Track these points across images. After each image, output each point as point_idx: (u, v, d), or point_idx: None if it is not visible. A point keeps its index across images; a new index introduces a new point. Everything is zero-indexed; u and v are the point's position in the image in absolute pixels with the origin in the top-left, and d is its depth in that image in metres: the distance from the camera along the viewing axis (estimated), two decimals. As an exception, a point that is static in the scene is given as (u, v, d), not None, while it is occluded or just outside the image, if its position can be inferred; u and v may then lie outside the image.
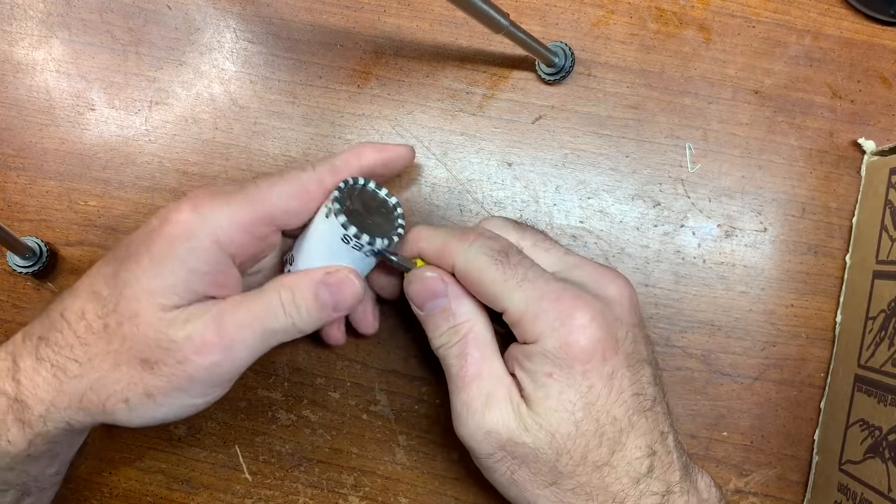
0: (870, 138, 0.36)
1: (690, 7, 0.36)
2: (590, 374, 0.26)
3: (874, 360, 0.32)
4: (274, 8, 0.37)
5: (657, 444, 0.27)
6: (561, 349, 0.26)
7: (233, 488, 0.37)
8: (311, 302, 0.28)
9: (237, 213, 0.27)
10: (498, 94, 0.37)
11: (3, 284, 0.37)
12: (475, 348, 0.28)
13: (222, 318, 0.27)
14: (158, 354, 0.27)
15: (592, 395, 0.26)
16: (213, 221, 0.27)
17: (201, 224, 0.27)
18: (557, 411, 0.26)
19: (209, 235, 0.27)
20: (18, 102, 0.37)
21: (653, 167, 0.36)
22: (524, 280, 0.27)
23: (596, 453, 0.26)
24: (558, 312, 0.26)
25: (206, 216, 0.27)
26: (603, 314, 0.27)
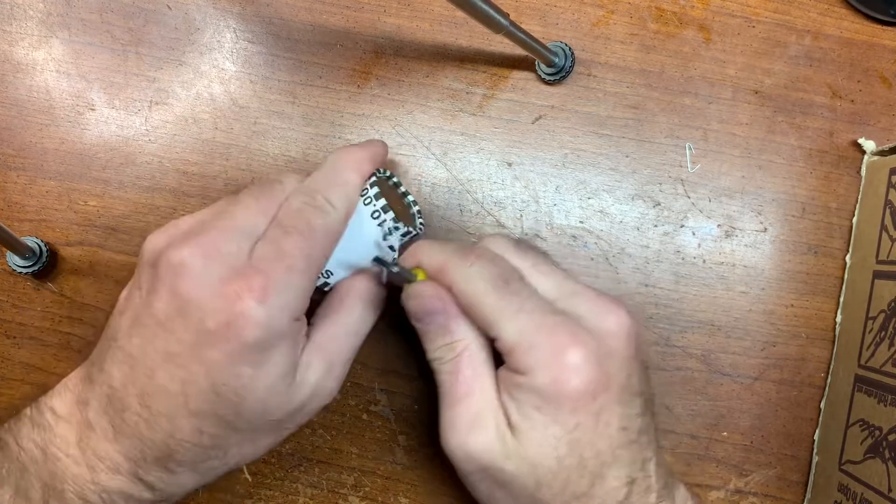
0: (870, 138, 0.36)
1: (690, 7, 0.36)
2: (578, 412, 0.26)
3: (874, 360, 0.32)
4: (274, 8, 0.37)
5: (637, 472, 0.27)
6: (551, 386, 0.26)
7: (233, 488, 0.37)
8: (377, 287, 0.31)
9: (301, 289, 0.27)
10: (498, 94, 0.37)
11: (3, 284, 0.37)
12: (468, 367, 0.28)
13: (332, 366, 0.29)
14: (293, 420, 0.29)
15: (578, 432, 0.26)
16: (288, 312, 0.26)
17: (279, 318, 0.26)
18: (542, 445, 0.26)
19: (288, 323, 0.26)
20: (18, 102, 0.37)
21: (653, 167, 0.36)
22: (520, 310, 0.27)
23: (576, 485, 0.27)
24: (551, 348, 0.26)
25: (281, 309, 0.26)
26: (597, 351, 0.26)
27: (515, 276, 0.28)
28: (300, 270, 0.26)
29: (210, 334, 0.25)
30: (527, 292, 0.28)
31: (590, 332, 0.27)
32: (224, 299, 0.25)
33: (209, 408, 0.26)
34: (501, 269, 0.28)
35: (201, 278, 0.25)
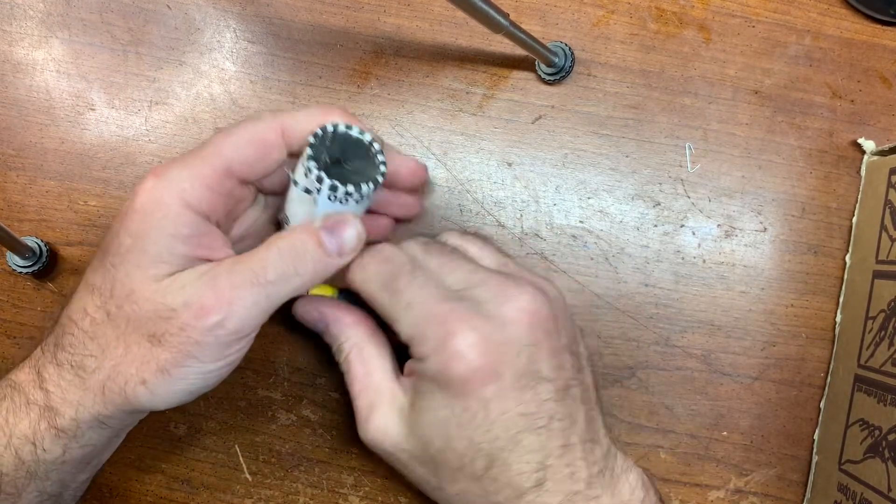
0: (870, 138, 0.36)
1: (690, 7, 0.36)
2: (466, 396, 0.27)
3: (874, 359, 0.32)
4: (274, 8, 0.37)
5: (553, 458, 0.27)
6: (440, 373, 0.27)
7: (233, 488, 0.37)
8: (315, 249, 0.28)
9: (196, 171, 0.27)
10: (498, 94, 0.37)
11: (3, 284, 0.37)
12: (358, 365, 0.30)
13: (217, 278, 0.27)
14: (162, 326, 0.26)
15: (467, 415, 0.27)
16: (176, 185, 0.27)
17: (167, 189, 0.27)
18: (431, 426, 0.28)
19: (177, 199, 0.27)
20: (18, 102, 0.37)
21: (653, 167, 0.36)
22: (410, 304, 0.28)
23: (471, 467, 0.27)
24: (439, 336, 0.27)
25: (170, 181, 0.27)
26: (488, 337, 0.27)
27: (406, 271, 0.28)
28: (193, 161, 0.28)
29: (123, 211, 0.28)
30: (417, 284, 0.28)
31: (488, 318, 0.27)
32: (135, 186, 0.27)
33: (90, 266, 0.28)
34: (393, 266, 0.29)
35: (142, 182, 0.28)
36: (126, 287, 0.27)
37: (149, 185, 0.27)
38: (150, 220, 0.27)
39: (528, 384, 0.27)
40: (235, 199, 0.30)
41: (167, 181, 0.27)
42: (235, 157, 0.28)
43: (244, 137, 0.28)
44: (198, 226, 0.27)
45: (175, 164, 0.27)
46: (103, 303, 0.27)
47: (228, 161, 0.28)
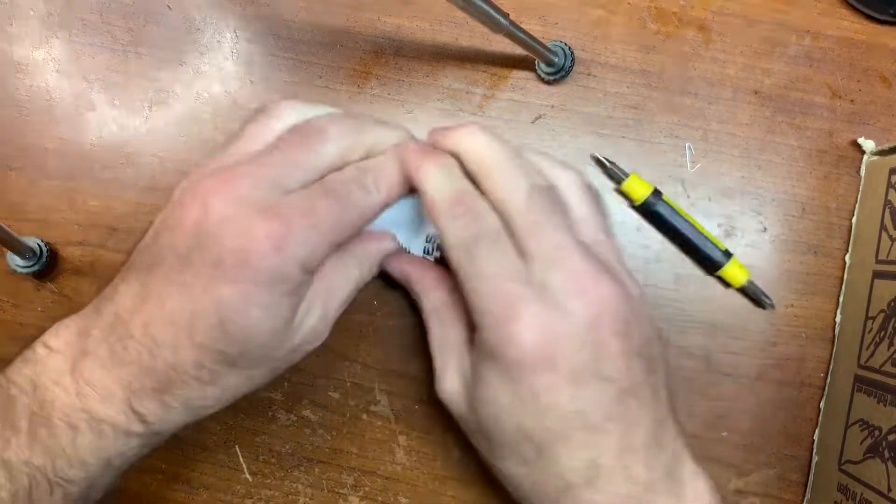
0: (869, 138, 0.36)
1: (690, 7, 0.36)
2: (516, 382, 0.26)
3: (874, 360, 0.32)
4: (274, 8, 0.37)
5: (606, 458, 0.27)
6: (494, 349, 0.27)
7: (233, 488, 0.37)
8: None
9: (321, 249, 0.27)
10: (498, 94, 0.37)
11: (4, 284, 0.37)
12: (437, 325, 0.31)
13: (327, 312, 0.30)
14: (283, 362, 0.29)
15: (517, 400, 0.27)
16: (298, 260, 0.26)
17: (287, 267, 0.26)
18: (483, 401, 0.28)
19: (297, 275, 0.27)
20: (19, 102, 0.37)
21: (653, 167, 0.36)
22: (482, 275, 0.27)
23: (520, 451, 0.27)
24: (499, 315, 0.26)
25: (293, 255, 0.26)
26: (549, 327, 0.26)
27: (490, 238, 0.28)
28: (322, 233, 0.27)
29: (225, 271, 0.25)
30: (495, 257, 0.27)
31: (555, 306, 0.26)
32: (244, 239, 0.25)
33: (213, 344, 0.26)
34: (479, 227, 0.28)
35: (227, 218, 0.26)
36: (262, 346, 0.27)
37: (274, 264, 0.26)
38: (279, 300, 0.27)
39: (586, 381, 0.26)
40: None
41: (292, 260, 0.26)
42: (348, 233, 0.28)
43: (361, 220, 0.29)
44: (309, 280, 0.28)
45: (299, 239, 0.26)
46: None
47: (345, 232, 0.28)
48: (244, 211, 0.26)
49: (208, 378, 0.27)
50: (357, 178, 0.28)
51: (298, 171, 0.27)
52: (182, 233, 0.26)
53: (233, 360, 0.27)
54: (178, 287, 0.26)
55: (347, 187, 0.28)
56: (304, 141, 0.28)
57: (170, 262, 0.26)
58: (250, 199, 0.26)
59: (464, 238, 0.28)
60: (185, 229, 0.26)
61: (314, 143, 0.28)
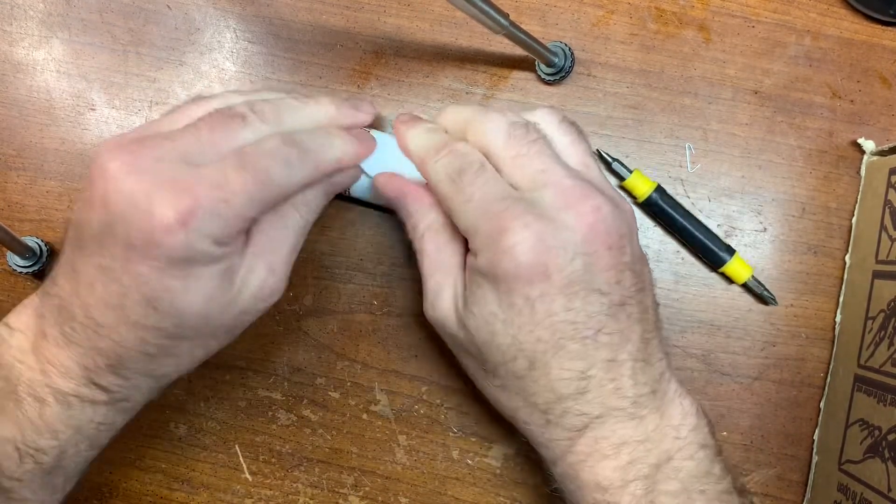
0: (869, 138, 0.36)
1: (690, 7, 0.36)
2: (512, 293, 0.27)
3: (874, 359, 0.32)
4: (274, 8, 0.37)
5: (596, 369, 0.27)
6: (488, 267, 0.27)
7: (233, 488, 0.37)
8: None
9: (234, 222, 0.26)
10: (498, 94, 0.37)
11: (3, 284, 0.37)
12: (431, 245, 0.31)
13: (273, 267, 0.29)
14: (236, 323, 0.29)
15: (512, 312, 0.27)
16: (206, 233, 0.25)
17: (197, 241, 0.25)
18: (478, 318, 0.28)
19: (209, 247, 0.26)
20: (18, 102, 0.37)
21: (653, 167, 0.36)
22: (470, 200, 0.28)
23: (513, 364, 0.28)
24: (491, 232, 0.27)
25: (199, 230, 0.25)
26: (542, 238, 0.26)
27: (473, 168, 0.29)
28: (235, 206, 0.26)
29: (136, 250, 0.25)
30: (480, 182, 0.28)
31: (546, 219, 0.27)
32: (148, 217, 0.24)
33: (147, 321, 0.26)
34: (462, 161, 0.29)
35: (129, 193, 0.25)
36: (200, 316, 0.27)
37: (179, 240, 0.25)
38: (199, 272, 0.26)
39: (579, 292, 0.27)
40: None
41: (200, 235, 0.25)
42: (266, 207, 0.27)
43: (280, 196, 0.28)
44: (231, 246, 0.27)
45: (206, 214, 0.25)
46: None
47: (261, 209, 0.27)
48: (148, 185, 0.25)
49: (156, 352, 0.27)
50: (279, 150, 0.27)
51: (211, 150, 0.27)
52: (93, 210, 0.26)
53: (175, 333, 0.27)
54: (101, 270, 0.26)
55: (266, 161, 0.27)
56: (223, 122, 0.27)
57: (88, 244, 0.26)
58: (154, 172, 0.25)
59: (448, 171, 0.29)
60: (94, 207, 0.26)
61: (234, 125, 0.27)
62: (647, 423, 0.28)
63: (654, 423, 0.28)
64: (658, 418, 0.28)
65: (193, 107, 0.29)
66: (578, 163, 0.30)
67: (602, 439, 0.27)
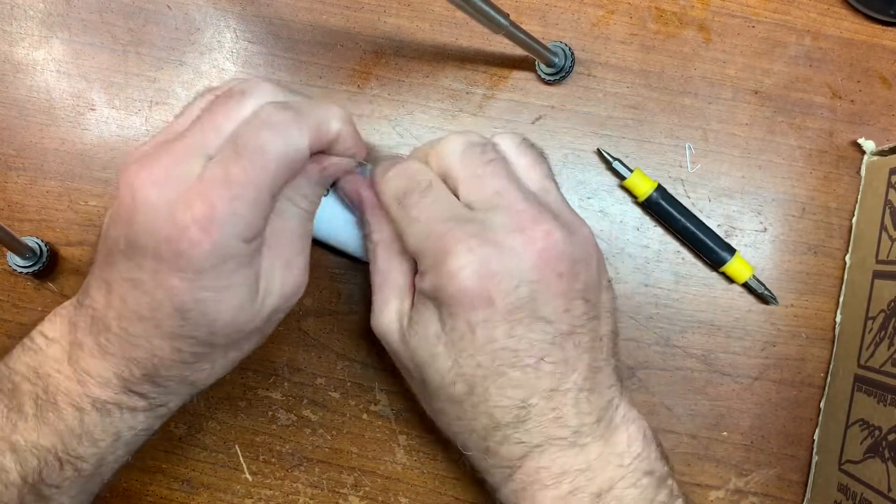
0: (870, 138, 0.36)
1: (690, 7, 0.36)
2: (454, 317, 0.27)
3: (874, 360, 0.32)
4: (274, 8, 0.37)
5: (537, 398, 0.27)
6: (432, 289, 0.27)
7: (233, 488, 0.37)
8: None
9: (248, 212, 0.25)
10: (498, 94, 0.37)
11: (3, 284, 0.37)
12: (382, 258, 0.30)
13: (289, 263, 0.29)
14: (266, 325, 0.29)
15: (454, 335, 0.27)
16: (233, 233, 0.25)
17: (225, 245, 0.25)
18: (421, 337, 0.28)
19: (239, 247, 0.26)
20: (18, 102, 0.37)
21: (653, 167, 0.36)
22: (415, 220, 0.28)
23: (452, 389, 0.28)
24: (435, 254, 0.27)
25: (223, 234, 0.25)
26: (485, 262, 0.26)
27: (420, 188, 0.28)
28: (249, 198, 0.25)
29: (165, 262, 0.25)
30: (427, 202, 0.28)
31: (492, 243, 0.26)
32: (173, 228, 0.24)
33: (181, 331, 0.26)
34: (409, 182, 0.29)
35: (152, 206, 0.25)
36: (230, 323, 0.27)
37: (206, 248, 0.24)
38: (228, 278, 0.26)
39: (522, 319, 0.26)
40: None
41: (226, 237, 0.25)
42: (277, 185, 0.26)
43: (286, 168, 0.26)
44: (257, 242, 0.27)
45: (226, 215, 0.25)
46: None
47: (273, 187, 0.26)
48: (168, 195, 0.25)
49: (192, 360, 0.27)
50: (269, 118, 0.26)
51: (217, 135, 0.26)
52: (120, 226, 0.26)
53: (207, 341, 0.27)
54: (131, 283, 0.26)
55: (259, 136, 0.25)
56: (223, 102, 0.27)
57: (118, 258, 0.26)
58: (173, 179, 0.25)
59: (395, 192, 0.29)
60: (122, 222, 0.26)
61: (232, 103, 0.27)
62: (589, 452, 0.27)
63: (597, 451, 0.27)
64: (601, 446, 0.27)
65: (202, 100, 0.29)
66: (537, 186, 0.29)
67: (542, 469, 0.27)
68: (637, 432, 0.28)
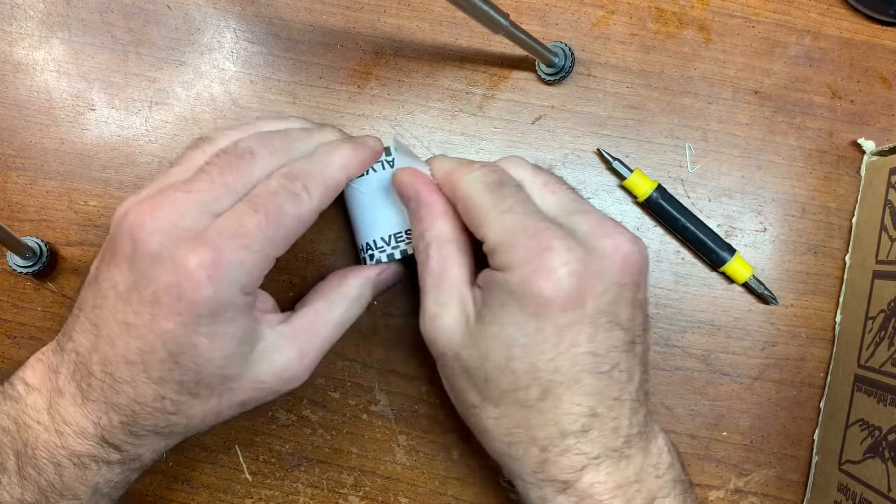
0: (869, 138, 0.36)
1: (690, 7, 0.36)
2: (541, 318, 0.26)
3: (874, 360, 0.32)
4: (274, 8, 0.37)
5: (603, 407, 0.27)
6: (521, 285, 0.26)
7: (233, 488, 0.37)
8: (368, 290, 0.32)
9: (254, 262, 0.26)
10: (498, 94, 0.37)
11: (3, 284, 0.37)
12: (437, 257, 0.29)
13: (304, 354, 0.29)
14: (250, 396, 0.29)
15: (539, 338, 0.26)
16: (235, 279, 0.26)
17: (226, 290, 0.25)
18: (495, 339, 0.27)
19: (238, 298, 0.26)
20: (18, 102, 0.37)
21: (653, 167, 0.36)
22: (508, 211, 0.27)
23: (523, 393, 0.27)
24: (531, 248, 0.26)
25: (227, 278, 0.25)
26: (581, 263, 0.26)
27: (513, 184, 0.28)
28: (255, 251, 0.26)
29: (163, 306, 0.25)
30: (521, 198, 0.28)
31: (585, 246, 0.27)
32: (175, 273, 0.25)
33: (169, 376, 0.26)
34: (500, 176, 0.28)
35: (155, 251, 0.25)
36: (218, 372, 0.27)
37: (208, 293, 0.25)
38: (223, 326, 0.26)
39: (603, 325, 0.26)
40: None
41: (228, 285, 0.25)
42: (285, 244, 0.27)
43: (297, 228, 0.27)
44: (252, 298, 0.27)
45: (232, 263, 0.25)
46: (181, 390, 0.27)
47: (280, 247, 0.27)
48: (172, 242, 0.25)
49: (172, 408, 0.27)
50: (285, 186, 0.27)
51: (227, 194, 0.27)
52: (118, 270, 0.26)
53: (191, 389, 0.27)
54: (124, 327, 0.26)
55: (276, 199, 0.27)
56: (233, 162, 0.27)
57: (112, 301, 0.26)
58: (178, 228, 0.26)
59: (486, 181, 0.28)
60: (120, 266, 0.26)
61: (243, 164, 0.27)
62: (635, 464, 0.27)
63: (639, 462, 0.28)
64: (642, 458, 0.28)
65: (198, 152, 0.29)
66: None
67: (598, 483, 0.27)
68: (664, 442, 0.29)
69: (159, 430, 0.28)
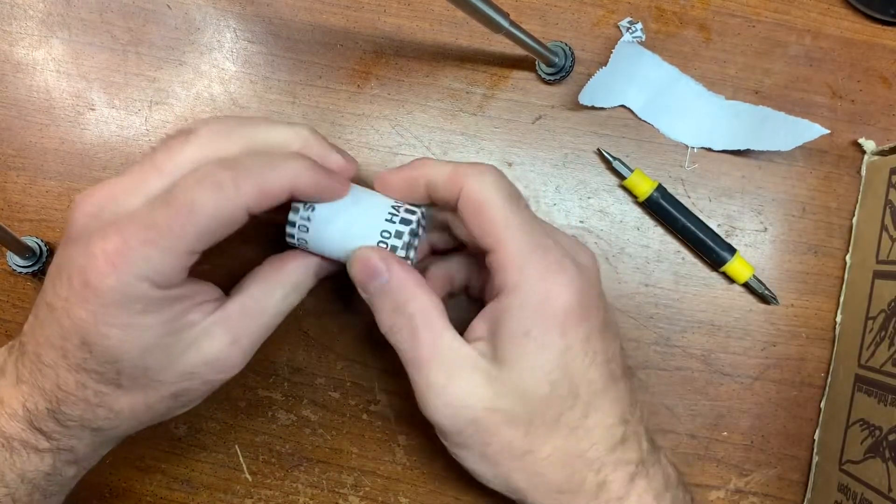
0: (870, 138, 0.36)
1: (690, 7, 0.36)
2: (568, 334, 0.26)
3: (874, 359, 0.32)
4: (274, 8, 0.37)
5: (628, 413, 0.27)
6: (541, 304, 0.26)
7: (233, 488, 0.37)
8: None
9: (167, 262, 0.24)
10: (498, 94, 0.37)
11: (3, 284, 0.37)
12: (426, 329, 0.27)
13: (238, 339, 0.28)
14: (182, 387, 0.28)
15: (570, 355, 0.26)
16: (141, 272, 0.24)
17: (129, 284, 0.24)
18: (534, 370, 0.26)
19: (145, 290, 0.25)
20: (18, 102, 0.37)
21: (653, 167, 0.36)
22: (524, 227, 0.26)
23: (570, 415, 0.26)
24: (545, 266, 0.26)
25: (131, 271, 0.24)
26: (582, 277, 0.27)
27: (523, 197, 0.28)
28: (164, 246, 0.24)
29: (75, 291, 0.25)
30: (531, 212, 0.28)
31: (575, 261, 0.27)
32: (85, 256, 0.24)
33: (86, 364, 0.26)
34: (512, 186, 0.28)
35: (79, 235, 0.25)
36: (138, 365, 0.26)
37: (111, 283, 0.24)
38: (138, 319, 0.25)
39: (608, 333, 0.27)
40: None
41: (133, 278, 0.24)
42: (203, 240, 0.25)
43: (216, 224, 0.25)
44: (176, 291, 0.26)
45: (135, 256, 0.24)
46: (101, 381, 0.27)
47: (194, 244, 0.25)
48: (94, 225, 0.25)
49: (96, 399, 0.27)
50: (212, 174, 0.24)
51: (158, 176, 0.26)
52: (58, 252, 0.27)
53: (114, 380, 0.26)
54: (48, 309, 0.26)
55: (192, 191, 0.24)
56: (168, 142, 0.26)
57: (46, 284, 0.27)
58: (104, 211, 0.25)
59: (505, 190, 0.27)
60: (59, 248, 0.27)
61: (176, 143, 0.26)
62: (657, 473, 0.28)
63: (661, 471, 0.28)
64: (659, 465, 0.29)
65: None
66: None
67: (644, 493, 0.27)
68: (663, 450, 0.30)
69: (86, 422, 0.27)
